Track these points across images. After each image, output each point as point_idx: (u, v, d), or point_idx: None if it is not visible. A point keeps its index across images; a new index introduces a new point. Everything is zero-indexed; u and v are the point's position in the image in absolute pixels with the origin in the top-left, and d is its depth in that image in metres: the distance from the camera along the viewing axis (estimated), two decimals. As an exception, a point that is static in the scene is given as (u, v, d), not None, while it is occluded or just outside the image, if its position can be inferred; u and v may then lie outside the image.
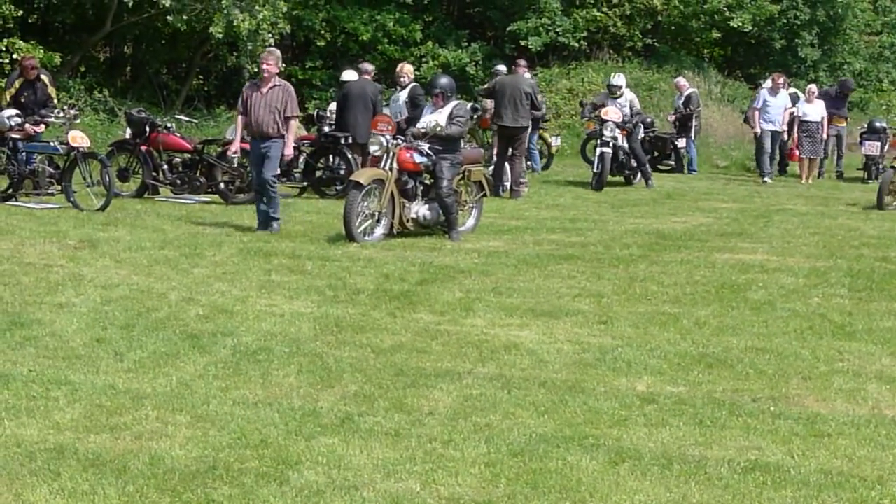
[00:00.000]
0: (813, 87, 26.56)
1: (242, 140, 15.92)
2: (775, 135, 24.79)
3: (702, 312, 10.67)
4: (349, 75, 20.96)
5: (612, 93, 22.61)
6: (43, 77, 18.52)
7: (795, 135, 25.28)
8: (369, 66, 21.46)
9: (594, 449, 6.75)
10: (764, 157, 24.96)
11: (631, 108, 22.60)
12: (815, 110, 25.21)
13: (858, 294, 11.78)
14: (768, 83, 25.53)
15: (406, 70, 19.68)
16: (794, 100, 25.60)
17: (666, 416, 7.47)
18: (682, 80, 28.04)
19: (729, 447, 6.88)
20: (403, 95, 19.41)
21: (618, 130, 21.80)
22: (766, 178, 24.72)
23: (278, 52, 15.77)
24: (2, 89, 19.71)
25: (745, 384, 8.28)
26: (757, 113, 24.78)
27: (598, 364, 8.76)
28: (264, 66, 15.09)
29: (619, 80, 22.97)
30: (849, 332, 9.97)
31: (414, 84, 19.84)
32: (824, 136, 25.35)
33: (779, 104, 24.65)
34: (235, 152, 16.40)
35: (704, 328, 10.06)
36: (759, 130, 24.63)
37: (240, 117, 15.40)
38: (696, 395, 7.99)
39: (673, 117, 27.01)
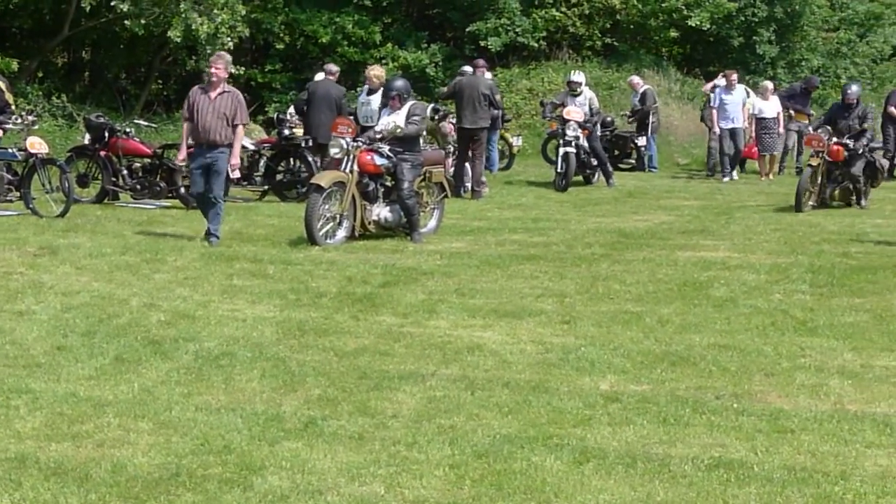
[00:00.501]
0: (769, 83, 26.35)
1: (188, 147, 15.26)
2: (735, 131, 24.72)
3: (665, 310, 10.70)
4: (321, 77, 20.89)
5: (573, 90, 22.58)
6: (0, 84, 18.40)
7: (753, 132, 25.26)
8: (333, 68, 21.47)
9: (558, 449, 6.76)
10: (723, 157, 24.92)
11: (590, 107, 22.61)
12: (770, 107, 25.14)
13: (820, 290, 11.84)
14: (722, 81, 25.48)
15: (376, 73, 19.27)
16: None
17: (630, 414, 7.49)
18: (635, 79, 28.13)
19: (693, 445, 6.90)
20: (375, 100, 18.82)
21: (580, 130, 21.80)
22: (726, 177, 24.68)
23: (228, 57, 15.18)
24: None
25: (709, 381, 8.30)
26: (715, 112, 24.81)
27: (562, 364, 8.77)
28: (213, 71, 14.51)
29: (578, 76, 22.98)
30: (811, 327, 10.02)
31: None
32: (781, 130, 25.34)
33: (736, 101, 24.68)
34: (183, 160, 15.59)
35: (667, 326, 10.08)
36: (717, 130, 24.63)
37: (186, 123, 14.65)
38: (660, 393, 8.01)
39: (629, 116, 27.06)
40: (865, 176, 19.38)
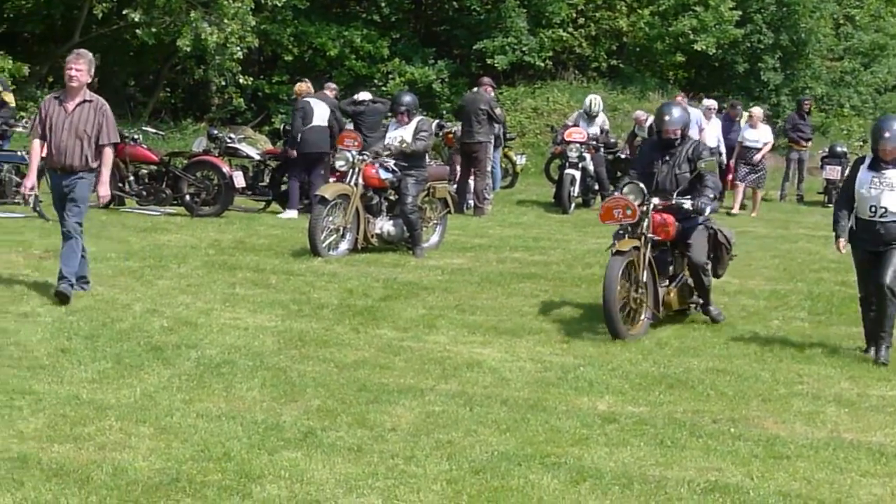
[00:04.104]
0: (757, 110, 24.63)
1: (40, 171, 12.47)
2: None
3: (662, 333, 10.76)
4: (364, 95, 20.91)
5: (590, 114, 22.56)
6: None
7: (733, 160, 23.60)
8: (333, 85, 21.58)
9: (555, 467, 6.81)
10: None
11: (601, 129, 22.63)
12: (756, 136, 23.39)
13: (818, 318, 11.90)
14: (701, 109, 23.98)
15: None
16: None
17: (627, 435, 7.54)
18: (641, 114, 27.04)
19: (689, 468, 6.95)
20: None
21: (584, 150, 21.73)
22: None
23: (90, 56, 11.41)
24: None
25: (706, 405, 8.36)
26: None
27: (560, 383, 8.83)
28: (72, 73, 11.04)
29: (598, 105, 22.72)
30: (808, 355, 10.08)
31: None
32: (766, 162, 23.73)
33: (712, 133, 23.26)
34: (32, 189, 12.08)
35: (665, 349, 10.14)
36: None
37: (36, 142, 11.28)
38: (657, 415, 8.06)
39: (626, 153, 25.82)
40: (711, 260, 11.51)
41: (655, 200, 10.89)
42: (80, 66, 11.02)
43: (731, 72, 35.48)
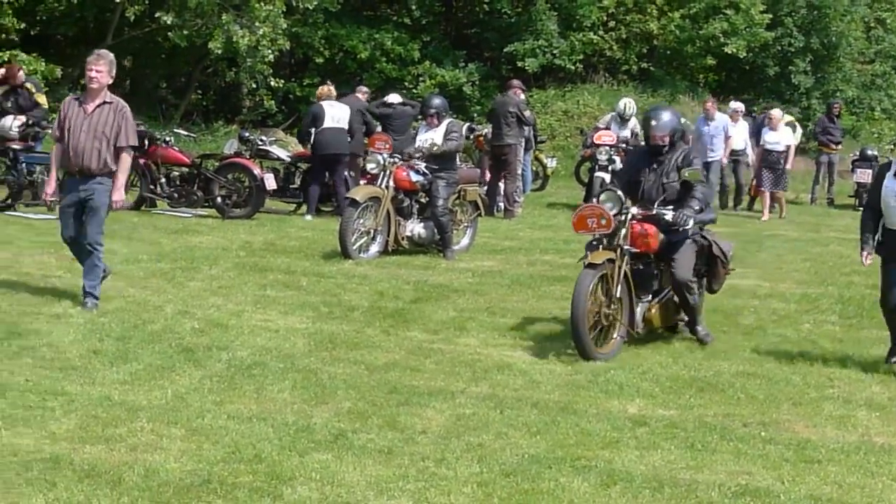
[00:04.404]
0: (776, 111, 23.93)
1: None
2: (710, 165, 22.10)
3: (693, 337, 10.72)
4: (394, 98, 20.94)
5: (623, 118, 22.49)
6: (28, 85, 18.57)
7: (758, 165, 23.16)
8: (364, 88, 21.66)
9: (586, 470, 6.81)
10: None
11: (633, 132, 22.56)
12: (777, 138, 22.89)
13: (849, 321, 11.86)
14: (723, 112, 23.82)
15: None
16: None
17: (657, 438, 7.53)
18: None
19: (719, 471, 6.93)
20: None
21: (614, 153, 21.67)
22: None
23: (111, 57, 11.12)
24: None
25: (736, 409, 8.34)
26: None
27: (590, 386, 8.82)
28: (92, 74, 10.84)
29: (631, 109, 22.64)
30: (839, 358, 10.04)
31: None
32: (788, 166, 22.96)
33: (713, 132, 23.10)
34: (52, 195, 11.54)
35: (696, 352, 10.12)
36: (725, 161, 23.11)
37: (56, 146, 11.11)
38: (688, 418, 8.05)
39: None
40: (700, 277, 10.73)
41: (634, 210, 10.13)
42: (101, 68, 10.78)
43: (762, 75, 35.37)
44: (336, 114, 18.99)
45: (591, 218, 9.88)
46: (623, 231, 9.95)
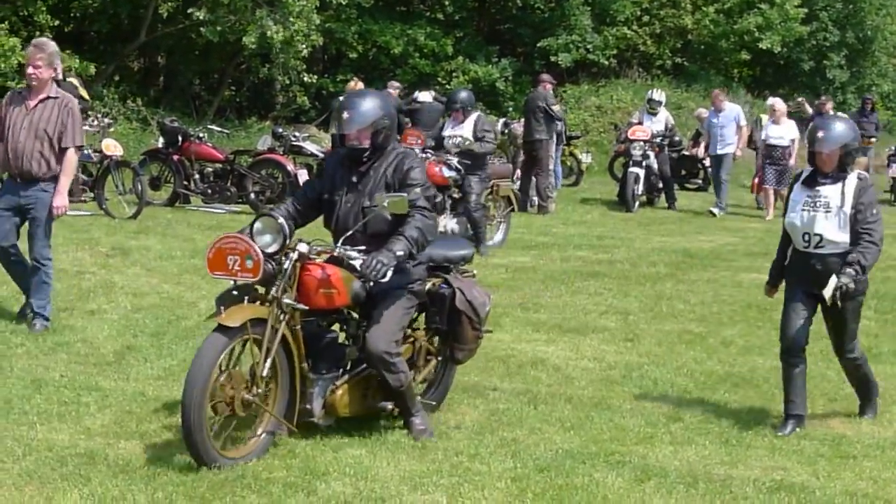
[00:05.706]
0: (778, 101, 22.33)
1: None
2: (721, 158, 21.97)
3: (728, 332, 10.69)
4: (425, 96, 20.93)
5: (652, 108, 22.44)
6: (72, 80, 18.65)
7: (759, 161, 22.20)
8: (396, 84, 21.65)
9: (620, 466, 6.79)
10: (721, 185, 22.07)
11: (666, 125, 22.49)
12: (780, 132, 21.39)
13: (885, 316, 11.78)
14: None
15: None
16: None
17: (692, 434, 7.51)
18: (703, 112, 26.33)
19: (754, 467, 6.91)
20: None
21: (648, 148, 21.61)
22: (715, 211, 21.61)
23: (53, 47, 9.84)
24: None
25: (771, 404, 8.31)
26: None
27: (625, 381, 8.81)
28: (30, 70, 9.62)
29: (660, 95, 22.74)
30: (874, 353, 9.96)
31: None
32: (792, 162, 21.04)
33: (723, 124, 22.20)
34: None
35: (730, 347, 10.09)
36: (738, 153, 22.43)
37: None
38: (722, 414, 8.03)
39: (703, 150, 25.31)
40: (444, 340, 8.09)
41: (303, 248, 6.90)
42: (39, 62, 9.51)
43: (797, 70, 35.24)
44: None
45: (233, 255, 6.80)
46: (285, 279, 6.83)
